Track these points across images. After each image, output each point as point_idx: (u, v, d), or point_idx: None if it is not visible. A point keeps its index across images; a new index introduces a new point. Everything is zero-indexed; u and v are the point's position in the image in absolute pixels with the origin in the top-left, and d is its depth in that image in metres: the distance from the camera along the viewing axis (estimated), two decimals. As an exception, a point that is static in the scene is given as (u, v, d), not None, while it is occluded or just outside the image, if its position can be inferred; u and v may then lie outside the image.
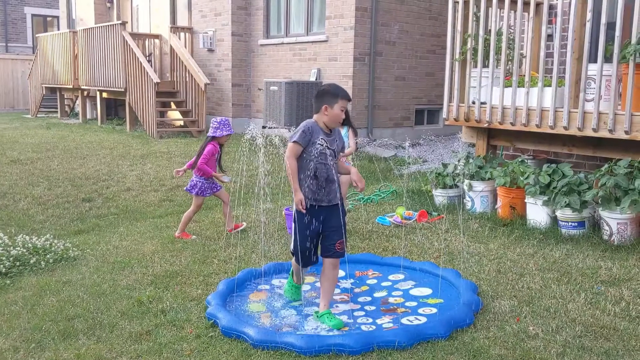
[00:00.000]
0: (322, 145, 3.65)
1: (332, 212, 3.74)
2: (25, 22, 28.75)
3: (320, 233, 3.76)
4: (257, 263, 4.91)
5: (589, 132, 5.50)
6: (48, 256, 5.17)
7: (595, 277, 4.40)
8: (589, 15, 5.40)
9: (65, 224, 6.69)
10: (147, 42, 14.53)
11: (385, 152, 10.26)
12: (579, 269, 4.58)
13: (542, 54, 5.83)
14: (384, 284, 4.37)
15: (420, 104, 11.56)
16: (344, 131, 5.92)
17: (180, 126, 13.53)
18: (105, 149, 10.58)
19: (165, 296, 4.20)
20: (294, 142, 3.62)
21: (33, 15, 28.97)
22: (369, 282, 4.43)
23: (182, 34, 13.67)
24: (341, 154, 3.90)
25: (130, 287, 4.43)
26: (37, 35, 19.03)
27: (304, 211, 3.62)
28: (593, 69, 5.45)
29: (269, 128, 10.05)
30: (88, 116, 16.34)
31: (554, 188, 5.52)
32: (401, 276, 4.48)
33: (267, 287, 4.30)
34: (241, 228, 5.93)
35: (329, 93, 3.71)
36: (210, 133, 5.77)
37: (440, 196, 6.70)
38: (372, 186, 7.88)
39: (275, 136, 5.99)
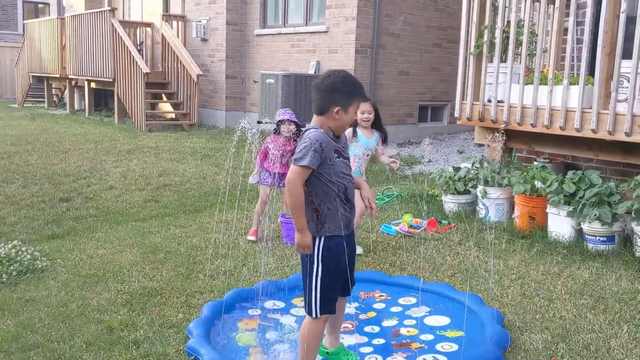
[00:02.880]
0: (338, 156, 2.82)
1: (353, 235, 3.05)
2: (16, 9, 27.96)
3: None
4: (249, 280, 4.33)
5: (620, 136, 4.93)
6: (12, 267, 4.57)
7: (635, 305, 3.84)
8: (623, 6, 4.82)
9: (39, 226, 6.09)
10: (138, 30, 13.85)
11: (388, 150, 9.67)
12: (614, 293, 4.02)
13: (568, 48, 5.26)
14: (394, 309, 3.80)
15: (424, 100, 10.97)
16: (374, 137, 4.81)
17: (172, 119, 12.91)
18: (90, 142, 9.96)
19: (140, 322, 3.62)
20: (304, 166, 2.71)
21: (24, 2, 28.19)
22: (376, 306, 3.86)
23: (174, 23, 13.02)
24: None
25: (101, 309, 3.84)
26: (24, 22, 18.33)
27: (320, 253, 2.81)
28: (627, 66, 4.87)
29: (265, 123, 9.45)
30: (76, 107, 15.68)
31: (581, 198, 4.95)
32: (413, 300, 3.91)
33: (259, 311, 3.72)
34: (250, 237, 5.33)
35: (343, 90, 2.78)
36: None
37: (450, 202, 6.12)
38: (374, 188, 7.31)
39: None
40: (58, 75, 15.19)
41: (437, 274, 4.46)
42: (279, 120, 5.17)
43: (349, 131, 4.69)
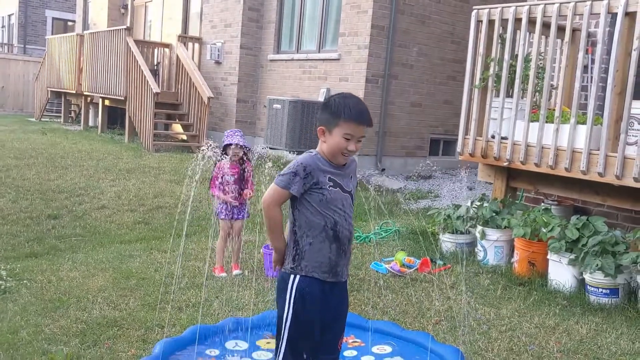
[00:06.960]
0: (334, 185, 2.55)
1: (344, 291, 2.72)
2: (46, 25, 28.50)
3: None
4: (218, 314, 4.05)
5: (629, 182, 4.59)
6: (-27, 287, 4.37)
7: (634, 369, 3.47)
8: (636, 43, 4.53)
9: (19, 244, 5.90)
10: (156, 50, 13.84)
11: (395, 183, 9.39)
12: (612, 353, 3.65)
13: (576, 85, 4.96)
14: (365, 358, 3.48)
15: (435, 134, 10.69)
16: None
17: (181, 140, 12.80)
18: (93, 159, 9.84)
19: (87, 355, 3.35)
20: (279, 187, 2.50)
21: (54, 19, 28.73)
22: (347, 353, 3.54)
23: (190, 44, 12.98)
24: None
25: (51, 338, 3.59)
26: (46, 37, 18.57)
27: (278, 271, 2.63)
28: (638, 107, 4.57)
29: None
30: (90, 123, 15.69)
31: (583, 246, 4.61)
32: (388, 349, 3.58)
33: (217, 352, 3.43)
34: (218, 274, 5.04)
35: (330, 108, 2.54)
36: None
37: (448, 242, 5.80)
38: (374, 221, 7.00)
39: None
40: (74, 92, 15.25)
41: (421, 320, 4.13)
42: (226, 144, 4.86)
43: None
